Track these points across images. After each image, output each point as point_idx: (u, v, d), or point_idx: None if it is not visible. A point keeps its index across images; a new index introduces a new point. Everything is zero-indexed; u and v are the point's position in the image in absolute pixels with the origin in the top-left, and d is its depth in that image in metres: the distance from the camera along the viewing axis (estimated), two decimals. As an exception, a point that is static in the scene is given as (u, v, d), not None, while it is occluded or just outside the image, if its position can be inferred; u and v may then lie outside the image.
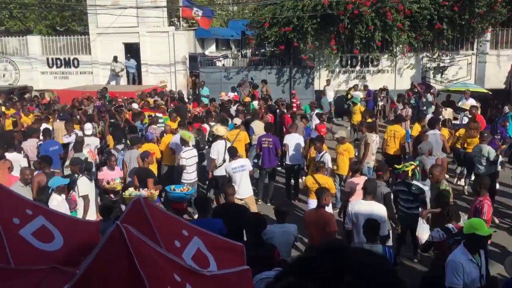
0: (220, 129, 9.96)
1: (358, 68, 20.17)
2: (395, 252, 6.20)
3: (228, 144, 9.75)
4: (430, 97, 15.83)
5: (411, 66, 19.81)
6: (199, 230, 2.74)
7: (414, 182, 7.51)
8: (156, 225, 2.50)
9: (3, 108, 13.68)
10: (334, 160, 9.99)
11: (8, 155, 8.90)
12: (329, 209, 7.29)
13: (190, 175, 9.40)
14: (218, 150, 9.62)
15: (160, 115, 12.49)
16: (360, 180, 7.75)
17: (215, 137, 9.96)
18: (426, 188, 7.67)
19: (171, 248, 2.41)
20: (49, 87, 20.92)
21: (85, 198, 7.89)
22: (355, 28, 18.30)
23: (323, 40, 19.23)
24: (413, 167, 7.63)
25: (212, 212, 6.66)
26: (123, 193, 8.38)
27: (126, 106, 14.41)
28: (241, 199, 8.35)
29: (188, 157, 9.32)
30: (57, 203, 7.37)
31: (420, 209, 7.38)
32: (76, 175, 8.15)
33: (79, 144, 9.55)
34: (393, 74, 19.99)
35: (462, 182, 11.05)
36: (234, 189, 7.37)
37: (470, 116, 11.95)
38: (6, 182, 7.64)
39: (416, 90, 17.00)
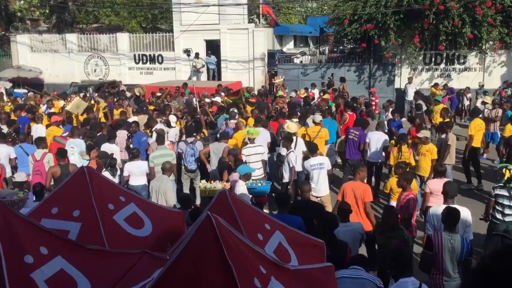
0: (291, 126, 9.92)
1: (442, 65, 19.25)
2: None
3: (300, 141, 9.68)
4: None
5: (502, 64, 18.58)
6: (281, 225, 2.77)
7: None
8: (241, 217, 2.56)
9: (92, 101, 14.53)
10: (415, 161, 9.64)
11: (108, 145, 9.57)
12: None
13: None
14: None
15: None
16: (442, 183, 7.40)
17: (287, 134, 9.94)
18: None
19: (255, 240, 2.45)
20: (135, 82, 21.97)
21: None
22: (441, 24, 17.48)
23: (405, 37, 18.58)
24: None
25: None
26: (199, 184, 8.57)
27: (204, 101, 14.70)
28: (317, 197, 8.30)
29: (248, 154, 9.22)
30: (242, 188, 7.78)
31: None
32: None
33: (161, 137, 9.94)
34: (481, 72, 18.86)
35: None
36: (310, 186, 7.33)
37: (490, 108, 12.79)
38: (95, 170, 8.15)
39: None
